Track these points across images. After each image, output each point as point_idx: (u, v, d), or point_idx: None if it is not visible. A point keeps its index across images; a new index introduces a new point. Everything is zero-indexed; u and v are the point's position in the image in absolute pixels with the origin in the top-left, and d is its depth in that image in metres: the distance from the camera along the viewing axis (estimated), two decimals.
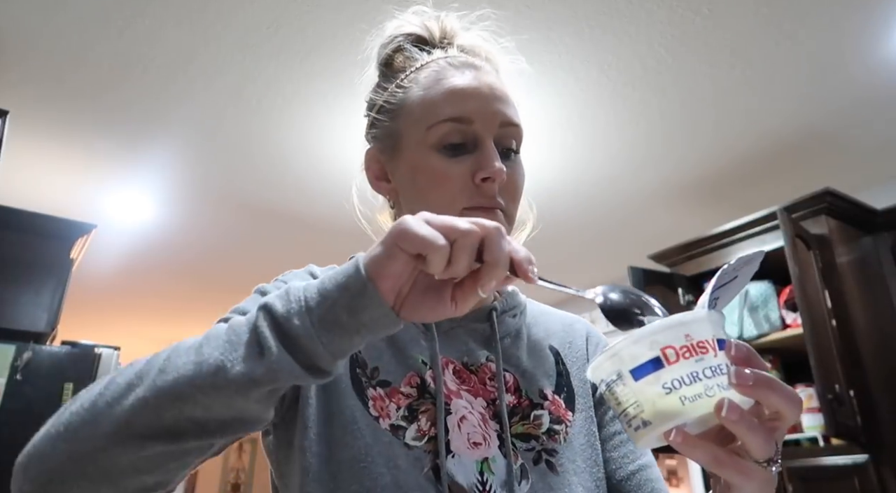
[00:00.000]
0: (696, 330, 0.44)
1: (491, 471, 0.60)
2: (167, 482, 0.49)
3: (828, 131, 2.54)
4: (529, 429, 0.65)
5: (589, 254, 3.61)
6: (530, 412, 0.66)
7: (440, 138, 0.63)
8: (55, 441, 0.47)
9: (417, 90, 0.67)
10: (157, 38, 2.00)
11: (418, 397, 0.62)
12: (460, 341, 0.67)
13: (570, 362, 0.73)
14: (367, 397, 0.61)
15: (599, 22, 1.93)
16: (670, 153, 2.69)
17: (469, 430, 0.62)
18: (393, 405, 0.61)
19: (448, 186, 0.62)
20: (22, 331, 2.21)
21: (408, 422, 0.60)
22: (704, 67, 2.16)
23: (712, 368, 0.43)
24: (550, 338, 0.74)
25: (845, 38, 2.03)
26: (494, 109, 0.64)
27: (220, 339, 0.46)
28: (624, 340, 0.45)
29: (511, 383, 0.67)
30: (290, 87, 2.23)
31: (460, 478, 0.58)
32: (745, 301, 2.42)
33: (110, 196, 3.00)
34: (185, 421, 0.45)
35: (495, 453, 0.61)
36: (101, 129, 2.48)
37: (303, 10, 1.89)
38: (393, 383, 0.62)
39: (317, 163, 2.70)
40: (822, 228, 2.26)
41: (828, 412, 1.95)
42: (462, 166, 0.63)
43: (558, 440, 0.65)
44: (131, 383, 0.46)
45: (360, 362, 0.63)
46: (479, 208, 0.62)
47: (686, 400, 0.42)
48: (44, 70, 2.14)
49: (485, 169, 0.61)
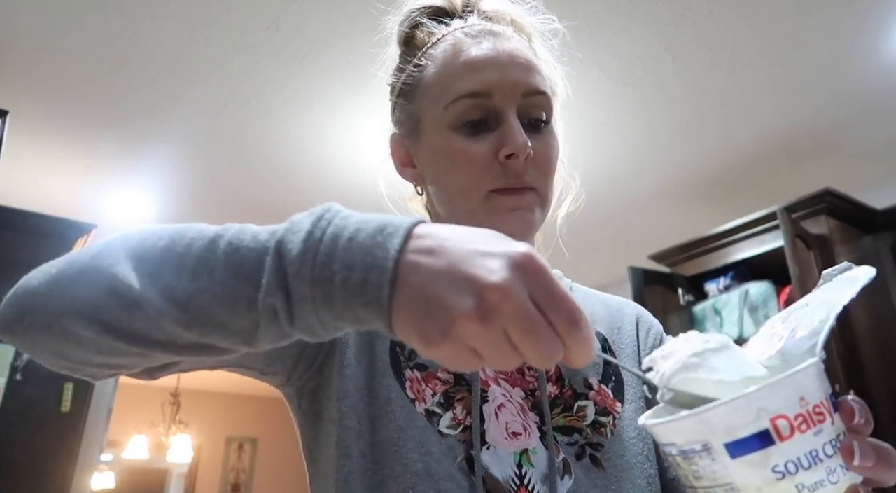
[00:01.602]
0: (810, 389, 0.34)
1: (531, 464, 0.56)
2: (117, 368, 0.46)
3: (828, 131, 2.54)
4: (572, 421, 0.60)
5: (589, 254, 3.61)
6: (573, 403, 0.61)
7: (458, 116, 0.59)
8: (48, 283, 0.44)
9: (433, 67, 0.62)
10: (157, 38, 2.00)
11: (455, 384, 0.58)
12: None
13: (618, 350, 0.68)
14: (404, 378, 0.58)
15: (600, 22, 1.93)
16: (670, 153, 2.69)
17: (508, 419, 0.58)
18: (429, 390, 0.58)
19: (470, 168, 0.59)
20: None
21: (443, 409, 0.57)
22: (705, 67, 2.16)
23: (832, 442, 0.34)
24: (597, 323, 0.69)
25: (845, 39, 2.03)
26: (514, 78, 0.59)
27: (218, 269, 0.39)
28: (718, 404, 0.33)
29: (552, 372, 0.63)
30: (289, 86, 2.23)
31: (495, 470, 0.55)
32: (746, 301, 2.42)
33: (110, 196, 3.00)
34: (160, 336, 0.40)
35: (536, 444, 0.57)
36: (101, 129, 2.48)
37: (302, 10, 1.89)
38: (430, 368, 0.59)
39: (316, 162, 2.70)
40: (822, 228, 2.26)
41: None
42: (484, 145, 0.59)
43: (605, 433, 0.60)
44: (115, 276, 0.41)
45: (399, 342, 0.59)
46: (508, 190, 0.59)
47: (805, 489, 0.33)
48: (44, 70, 2.14)
49: (508, 145, 0.57)
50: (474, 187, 0.59)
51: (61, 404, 2.13)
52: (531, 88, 0.60)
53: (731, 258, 2.52)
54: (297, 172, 2.79)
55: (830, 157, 2.72)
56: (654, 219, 3.24)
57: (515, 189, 0.59)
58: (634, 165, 2.77)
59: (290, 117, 2.41)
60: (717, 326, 2.50)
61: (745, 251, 2.47)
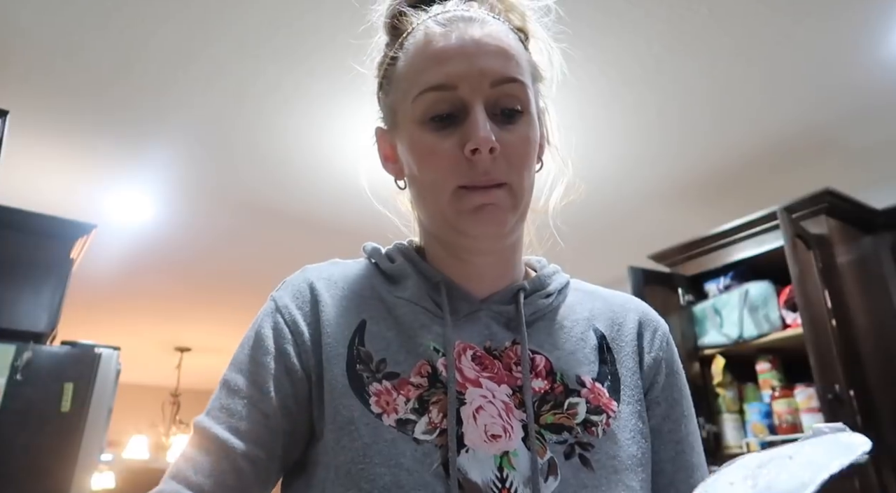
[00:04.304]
0: None
1: (512, 466, 0.54)
2: None
3: (828, 131, 2.54)
4: (562, 419, 0.58)
5: (589, 254, 3.60)
6: (564, 400, 0.59)
7: (425, 110, 0.58)
8: None
9: (403, 59, 0.61)
10: (158, 38, 2.00)
11: (429, 387, 0.57)
12: (482, 325, 0.62)
13: (616, 348, 0.65)
14: (368, 394, 0.56)
15: (598, 22, 1.93)
16: (670, 153, 2.69)
17: (487, 421, 0.56)
18: (402, 398, 0.56)
19: (437, 164, 0.57)
20: (22, 331, 2.21)
21: (418, 415, 0.55)
22: (704, 67, 2.16)
23: None
24: (596, 320, 0.67)
25: (845, 39, 2.03)
26: (480, 67, 0.57)
27: None
28: None
29: (542, 367, 0.61)
30: (290, 87, 2.23)
31: (474, 474, 0.53)
32: (746, 301, 2.42)
33: (110, 196, 3.00)
34: None
35: (517, 446, 0.55)
36: (102, 129, 2.48)
37: (303, 11, 1.89)
38: (402, 375, 0.58)
39: (316, 163, 2.70)
40: (822, 228, 2.26)
41: (828, 412, 1.95)
42: (451, 140, 0.57)
43: (595, 432, 0.58)
44: None
45: (363, 356, 0.59)
46: (476, 188, 0.57)
47: None
48: (44, 70, 2.14)
49: (471, 140, 0.55)
50: (442, 184, 0.58)
51: (61, 404, 2.13)
52: (500, 75, 0.57)
53: (731, 258, 2.52)
54: (297, 172, 2.79)
55: (830, 157, 2.72)
56: (654, 219, 3.24)
57: (484, 187, 0.57)
58: (634, 164, 2.77)
59: (290, 118, 2.41)
60: (717, 326, 2.50)
61: (745, 251, 2.47)
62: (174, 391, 6.09)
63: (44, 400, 2.11)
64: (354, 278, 0.66)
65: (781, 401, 2.29)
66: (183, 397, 6.08)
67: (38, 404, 2.09)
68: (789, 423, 2.25)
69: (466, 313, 0.62)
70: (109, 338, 3.38)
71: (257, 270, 3.80)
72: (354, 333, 0.60)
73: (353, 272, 0.67)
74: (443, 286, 0.63)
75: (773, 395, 2.33)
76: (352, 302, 0.63)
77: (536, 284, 0.66)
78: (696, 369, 2.55)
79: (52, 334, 2.38)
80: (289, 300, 0.63)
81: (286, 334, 0.61)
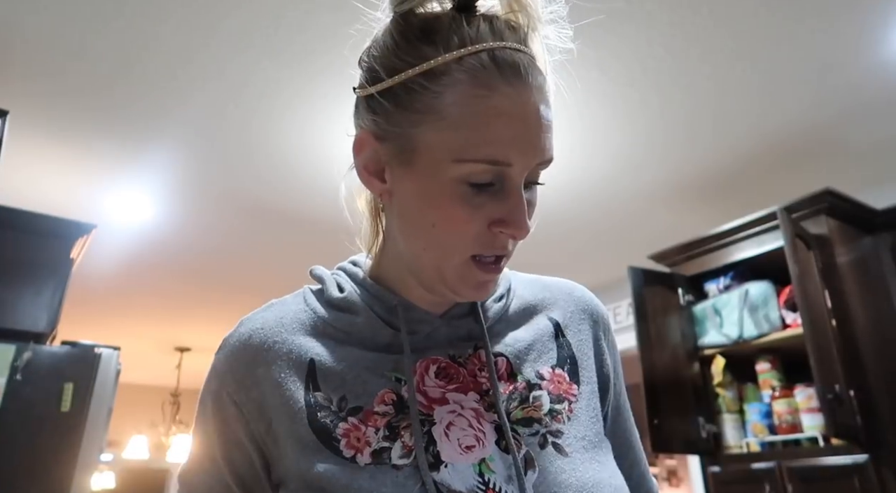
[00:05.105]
0: None
1: (491, 470, 0.56)
2: None
3: (828, 131, 2.54)
4: (530, 412, 0.60)
5: (589, 254, 3.61)
6: (529, 394, 0.61)
7: (469, 175, 0.53)
8: None
9: (452, 100, 0.52)
10: (158, 37, 2.00)
11: (396, 414, 0.57)
12: (443, 338, 0.63)
13: (571, 333, 0.68)
14: (336, 441, 0.56)
15: (599, 22, 1.93)
16: (670, 153, 2.69)
17: (458, 435, 0.57)
18: (371, 429, 0.56)
19: (461, 232, 0.55)
20: (22, 331, 2.21)
21: (391, 441, 0.56)
22: (704, 68, 2.16)
23: None
24: (548, 309, 0.69)
25: (845, 39, 2.03)
26: (538, 146, 0.54)
27: None
28: None
29: (503, 369, 0.62)
30: (290, 86, 2.24)
31: (458, 485, 0.54)
32: (746, 301, 2.42)
33: (110, 196, 3.00)
34: None
35: (492, 450, 0.57)
36: (102, 129, 2.48)
37: (303, 10, 1.89)
38: (365, 407, 0.57)
39: (317, 162, 2.70)
40: (822, 229, 2.26)
41: (828, 411, 1.95)
42: (482, 212, 0.54)
43: (562, 419, 0.61)
44: None
45: (321, 402, 0.58)
46: (487, 265, 0.57)
47: None
48: (44, 70, 2.14)
49: (511, 226, 0.54)
50: (458, 251, 0.56)
51: (61, 404, 2.13)
52: (547, 158, 0.55)
53: (731, 258, 2.52)
54: (297, 172, 2.79)
55: (830, 157, 2.72)
56: (654, 219, 3.24)
57: (494, 265, 0.57)
58: (634, 164, 2.77)
59: (291, 117, 2.41)
60: (717, 326, 2.50)
61: (745, 251, 2.47)
62: (174, 391, 6.09)
63: (44, 400, 2.11)
64: (296, 318, 0.64)
65: (781, 401, 2.30)
66: (183, 398, 6.08)
67: (38, 404, 2.09)
68: (789, 423, 2.26)
69: (427, 332, 0.62)
70: (109, 338, 3.39)
71: (257, 269, 3.80)
72: (307, 380, 0.59)
73: (291, 312, 0.64)
74: (400, 309, 0.62)
75: (773, 395, 2.33)
76: (295, 346, 0.61)
77: None
78: (696, 369, 2.55)
79: (52, 334, 2.38)
80: (227, 370, 0.62)
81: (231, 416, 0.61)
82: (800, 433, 2.22)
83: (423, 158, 0.54)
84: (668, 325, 2.59)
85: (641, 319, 2.55)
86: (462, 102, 0.52)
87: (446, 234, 0.55)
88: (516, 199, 0.54)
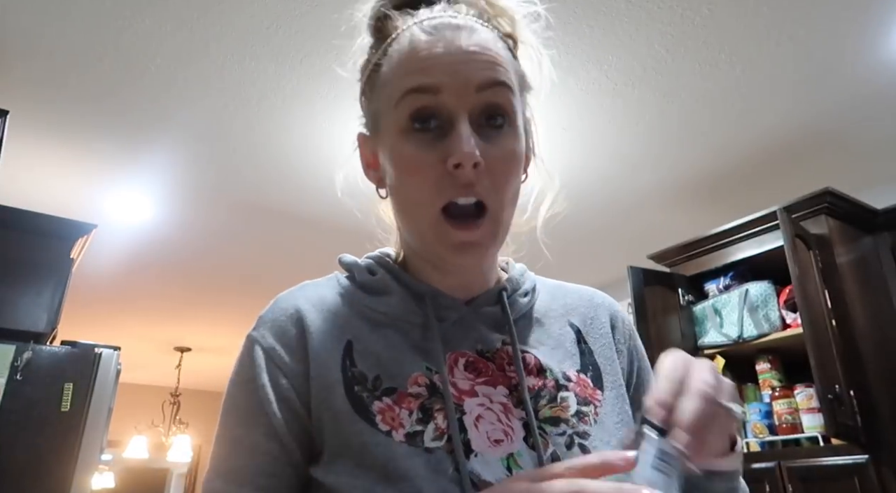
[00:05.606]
0: None
1: (519, 466, 0.56)
2: None
3: (828, 131, 2.54)
4: (558, 412, 0.60)
5: (589, 254, 3.61)
6: (557, 394, 0.61)
7: (408, 115, 0.56)
8: None
9: (387, 66, 0.60)
10: (158, 38, 2.00)
11: (430, 396, 0.57)
12: (471, 328, 0.63)
13: (592, 339, 0.68)
14: (373, 414, 0.56)
15: (599, 22, 1.93)
16: (670, 153, 2.69)
17: (488, 428, 0.57)
18: (405, 411, 0.56)
19: (422, 178, 0.56)
20: (22, 331, 2.21)
21: (423, 424, 0.56)
22: (704, 67, 2.16)
23: None
24: (569, 314, 0.69)
25: (845, 38, 2.03)
26: (466, 74, 0.55)
27: None
28: None
29: (533, 365, 0.62)
30: (290, 87, 2.24)
31: (487, 475, 0.54)
32: (745, 301, 2.42)
33: (110, 196, 3.00)
34: None
35: (519, 447, 0.57)
36: (102, 129, 2.48)
37: (303, 11, 1.89)
38: (399, 388, 0.58)
39: (317, 162, 2.70)
40: (822, 228, 2.26)
41: (828, 411, 1.95)
42: (434, 153, 0.55)
43: (588, 421, 0.61)
44: None
45: (358, 377, 0.58)
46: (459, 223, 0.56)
47: None
48: (44, 70, 2.14)
49: (454, 154, 0.53)
50: (426, 202, 0.56)
51: (61, 404, 2.13)
52: (485, 80, 0.56)
53: (731, 258, 2.52)
54: (297, 172, 2.79)
55: (830, 157, 2.72)
56: (653, 219, 3.24)
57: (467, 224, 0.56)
58: (634, 164, 2.77)
59: (290, 118, 2.41)
60: (717, 326, 2.50)
61: (745, 251, 2.47)
62: (174, 391, 6.08)
63: (44, 400, 2.11)
64: (331, 299, 0.64)
65: (781, 401, 2.29)
66: (183, 397, 6.08)
67: (38, 404, 2.09)
68: (789, 423, 2.25)
69: (454, 320, 0.63)
70: (109, 338, 3.38)
71: (257, 270, 3.80)
72: (344, 356, 0.59)
73: (327, 293, 0.65)
74: (427, 297, 0.62)
75: (773, 395, 2.33)
76: (333, 325, 0.61)
77: (514, 283, 0.68)
78: None
79: (53, 334, 2.38)
80: (272, 339, 0.61)
81: (280, 377, 0.59)
82: (800, 433, 2.22)
83: (381, 122, 0.61)
84: (668, 325, 2.59)
85: (641, 319, 2.55)
86: (394, 62, 0.59)
87: (410, 187, 0.57)
88: (457, 129, 0.55)
